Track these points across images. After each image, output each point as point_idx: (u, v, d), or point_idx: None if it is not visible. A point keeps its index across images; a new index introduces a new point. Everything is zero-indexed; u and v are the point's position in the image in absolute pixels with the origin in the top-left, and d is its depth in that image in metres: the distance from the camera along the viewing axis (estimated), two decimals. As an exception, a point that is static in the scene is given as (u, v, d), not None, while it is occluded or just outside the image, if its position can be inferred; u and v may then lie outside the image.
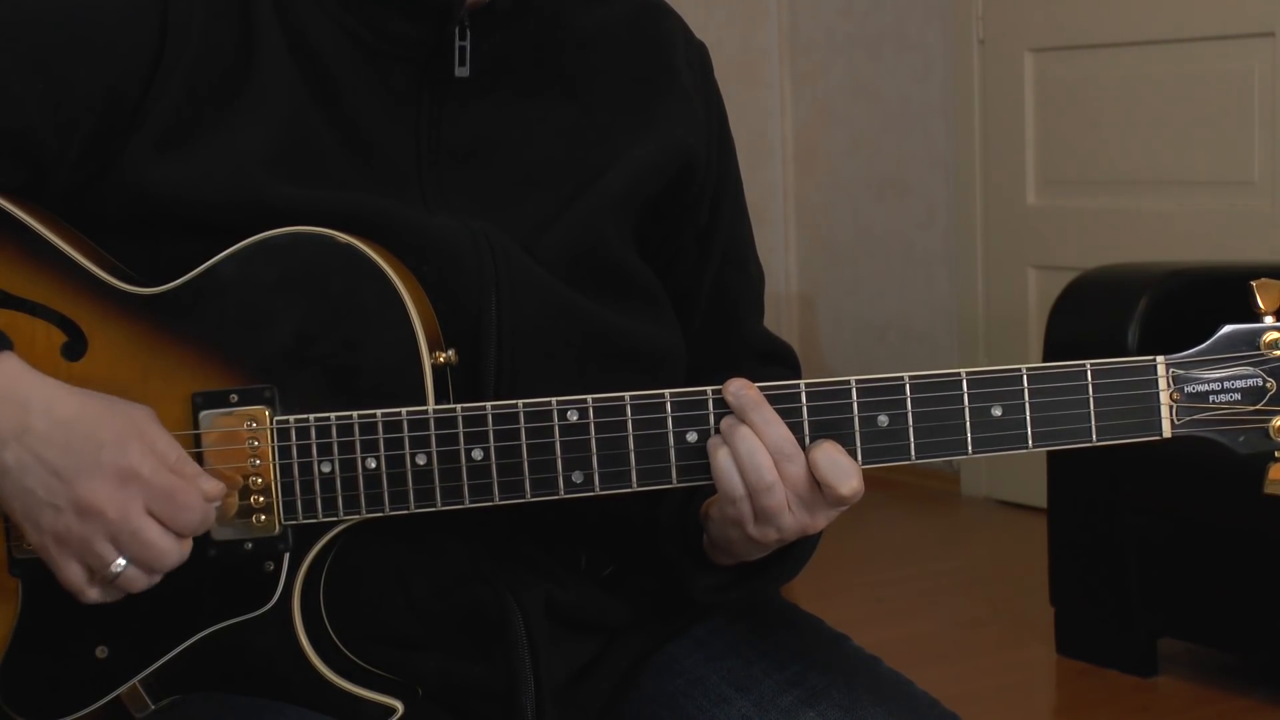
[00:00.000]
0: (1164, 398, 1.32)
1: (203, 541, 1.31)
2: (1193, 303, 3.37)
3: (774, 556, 1.40)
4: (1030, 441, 1.32)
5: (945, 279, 5.19)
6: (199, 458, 1.32)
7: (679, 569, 1.44)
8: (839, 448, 1.31)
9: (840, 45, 5.42)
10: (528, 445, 1.31)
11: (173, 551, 1.27)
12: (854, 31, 5.38)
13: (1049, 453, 3.57)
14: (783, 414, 1.31)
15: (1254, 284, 1.31)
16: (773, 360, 1.58)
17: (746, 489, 1.31)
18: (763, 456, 1.30)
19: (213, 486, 1.29)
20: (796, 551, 1.41)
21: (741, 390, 1.31)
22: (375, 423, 1.31)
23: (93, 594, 1.28)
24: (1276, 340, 1.32)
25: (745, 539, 1.34)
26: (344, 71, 1.40)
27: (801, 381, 1.32)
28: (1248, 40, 4.27)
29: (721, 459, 1.31)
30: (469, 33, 1.42)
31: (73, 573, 1.26)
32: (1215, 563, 3.33)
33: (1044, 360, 1.48)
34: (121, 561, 1.26)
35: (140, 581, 1.27)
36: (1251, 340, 1.32)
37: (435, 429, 1.31)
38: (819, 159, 5.53)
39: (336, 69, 1.40)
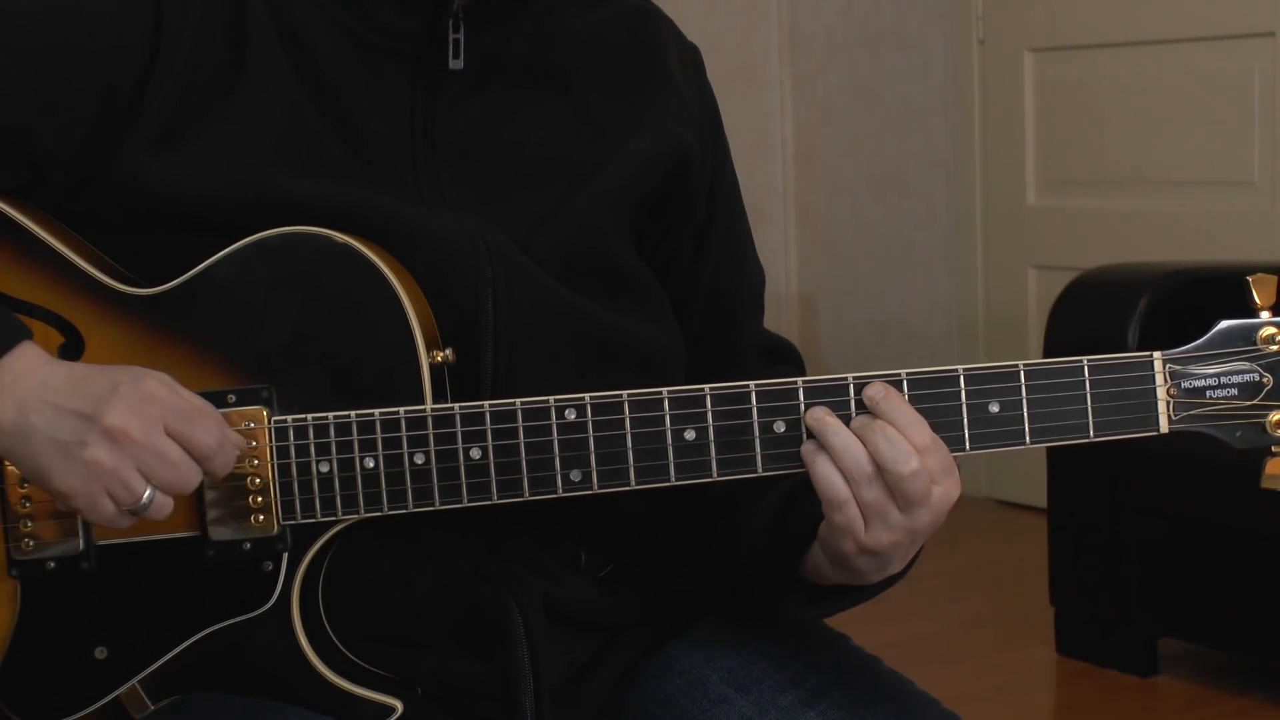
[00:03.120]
0: (1161, 393, 1.32)
1: (201, 542, 1.31)
2: (1193, 302, 3.37)
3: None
4: (1028, 438, 1.32)
5: (945, 279, 5.19)
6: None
7: (766, 583, 1.43)
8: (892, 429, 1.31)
9: (840, 45, 5.42)
10: (526, 444, 1.31)
11: (194, 475, 1.26)
12: (854, 31, 5.37)
13: (1049, 452, 3.58)
14: (779, 411, 1.31)
15: (1250, 279, 1.31)
16: (779, 358, 1.58)
17: (849, 486, 1.30)
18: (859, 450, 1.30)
19: (234, 435, 1.29)
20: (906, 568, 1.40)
21: (881, 395, 1.31)
22: (373, 422, 1.31)
23: (124, 523, 1.27)
24: (1272, 335, 1.32)
25: (858, 551, 1.33)
26: (337, 65, 1.40)
27: (799, 379, 1.32)
28: (1248, 40, 4.28)
29: (820, 464, 1.31)
30: (463, 26, 1.42)
31: (102, 508, 1.25)
32: (1215, 563, 3.33)
33: (1044, 360, 1.49)
34: (149, 493, 1.25)
35: (165, 509, 1.26)
36: (1248, 335, 1.32)
37: (433, 428, 1.31)
38: (819, 159, 5.53)
39: (330, 62, 1.40)
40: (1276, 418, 1.32)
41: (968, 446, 1.32)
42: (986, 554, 4.59)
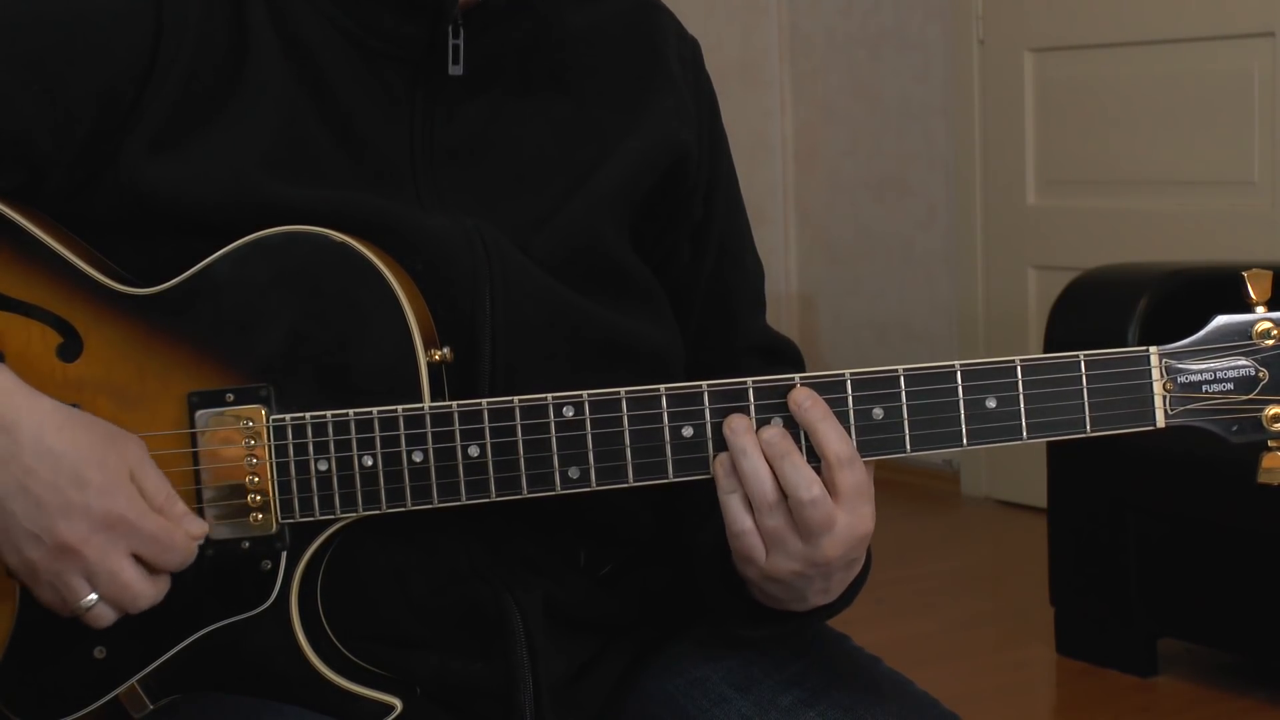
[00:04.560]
0: (1157, 388, 1.32)
1: (200, 542, 1.31)
2: (1193, 302, 3.35)
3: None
4: (1025, 433, 1.32)
5: (945, 279, 5.19)
6: (195, 457, 1.32)
7: (713, 599, 1.44)
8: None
9: (840, 45, 5.42)
10: (524, 442, 1.31)
11: (147, 594, 1.27)
12: (854, 31, 5.38)
13: (1049, 453, 3.58)
14: (778, 408, 1.31)
15: (1245, 274, 1.31)
16: (776, 358, 1.57)
17: (753, 515, 1.30)
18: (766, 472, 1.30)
19: (198, 527, 1.29)
20: (839, 599, 1.39)
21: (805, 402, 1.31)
22: (371, 420, 1.31)
23: (65, 615, 1.28)
24: (1268, 330, 1.31)
25: (762, 577, 1.33)
26: (338, 70, 1.40)
27: (796, 375, 1.32)
28: (1248, 40, 4.28)
29: (726, 494, 1.30)
30: (462, 31, 1.42)
31: (44, 596, 1.27)
32: (1215, 563, 3.33)
33: (1043, 359, 1.49)
34: (93, 598, 1.26)
35: (107, 618, 1.27)
36: (1244, 331, 1.32)
37: (431, 426, 1.31)
38: (819, 159, 5.53)
39: (330, 67, 1.40)
40: (1272, 412, 1.31)
41: (965, 442, 1.32)
42: (986, 554, 4.59)
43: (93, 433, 1.27)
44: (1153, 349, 1.32)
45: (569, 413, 1.31)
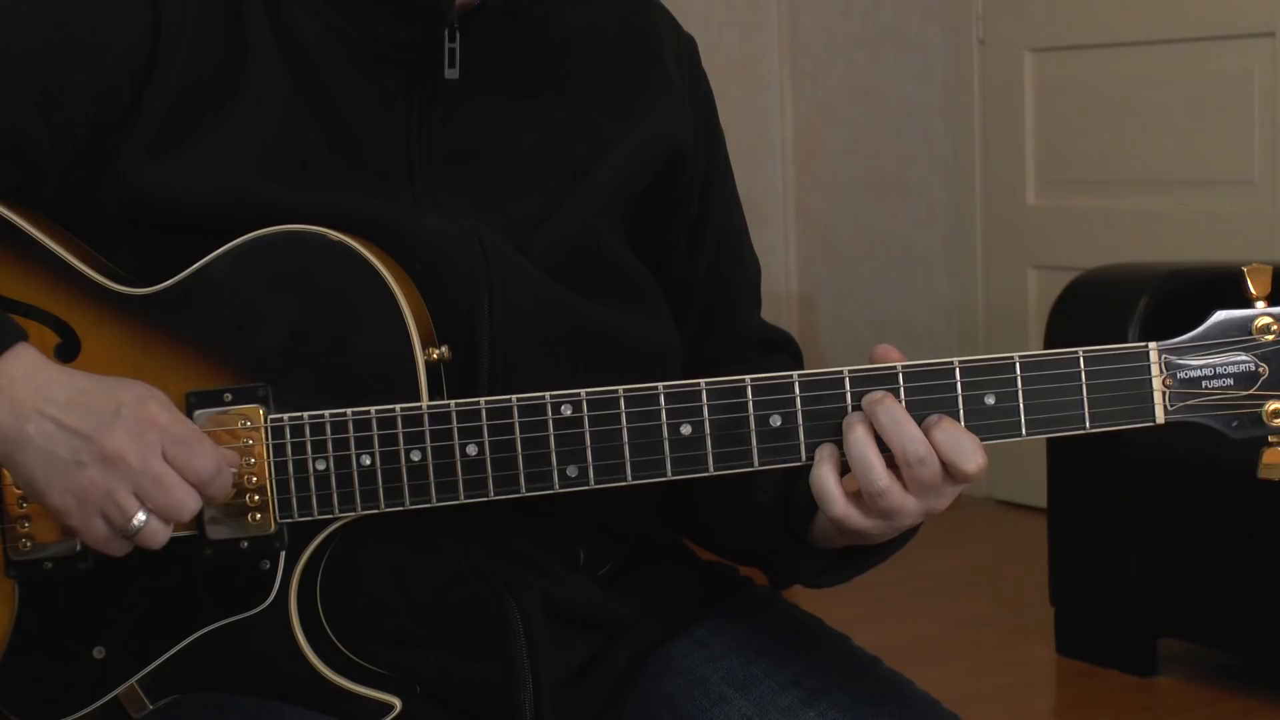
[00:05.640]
0: (1157, 384, 1.32)
1: (199, 541, 1.31)
2: (1193, 303, 3.34)
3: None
4: (1024, 430, 1.31)
5: (945, 279, 5.19)
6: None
7: (780, 556, 1.44)
8: (959, 425, 1.30)
9: (840, 45, 5.42)
10: (522, 440, 1.31)
11: (190, 500, 1.26)
12: (854, 31, 5.37)
13: (1049, 453, 3.58)
14: (776, 405, 1.31)
15: (1245, 269, 1.31)
16: (775, 348, 1.58)
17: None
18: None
19: (227, 452, 1.29)
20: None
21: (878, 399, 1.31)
22: (369, 419, 1.31)
23: (117, 548, 1.28)
24: (1268, 325, 1.31)
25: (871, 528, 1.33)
26: (334, 73, 1.40)
27: (795, 373, 1.32)
28: (1248, 40, 4.28)
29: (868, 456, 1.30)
30: (458, 34, 1.42)
31: (96, 529, 1.26)
32: (1215, 563, 3.33)
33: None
34: (142, 516, 1.25)
35: (160, 535, 1.27)
36: (1244, 326, 1.32)
37: (429, 425, 1.31)
38: (819, 159, 5.53)
39: (327, 70, 1.40)
40: (1273, 407, 1.31)
41: (963, 439, 1.32)
42: (986, 554, 4.59)
43: (115, 378, 1.28)
44: (1152, 345, 1.31)
45: (567, 411, 1.31)
